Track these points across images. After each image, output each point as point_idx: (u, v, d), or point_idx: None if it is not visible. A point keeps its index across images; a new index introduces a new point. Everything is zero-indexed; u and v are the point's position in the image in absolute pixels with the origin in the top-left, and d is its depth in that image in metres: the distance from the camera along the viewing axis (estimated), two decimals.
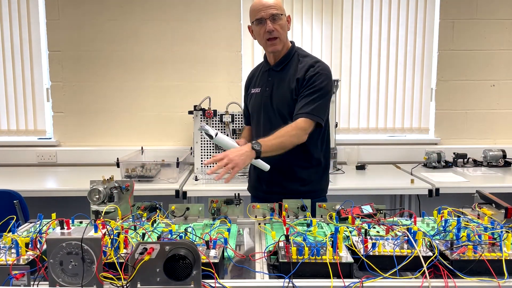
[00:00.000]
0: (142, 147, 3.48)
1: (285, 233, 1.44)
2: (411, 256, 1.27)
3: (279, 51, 2.01)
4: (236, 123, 3.13)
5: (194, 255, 1.14)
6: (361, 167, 3.37)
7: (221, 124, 3.13)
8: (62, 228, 1.36)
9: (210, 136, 1.82)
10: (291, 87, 1.98)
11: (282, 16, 1.96)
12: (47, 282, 1.18)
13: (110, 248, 1.28)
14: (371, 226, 1.55)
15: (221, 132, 3.10)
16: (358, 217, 1.67)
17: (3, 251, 1.34)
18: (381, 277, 1.22)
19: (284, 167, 2.01)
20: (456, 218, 1.53)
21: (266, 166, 1.91)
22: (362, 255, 1.28)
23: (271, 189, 2.07)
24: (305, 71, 1.96)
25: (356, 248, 1.32)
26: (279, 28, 1.95)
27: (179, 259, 1.13)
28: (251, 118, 2.20)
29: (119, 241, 1.33)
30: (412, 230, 1.35)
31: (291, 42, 2.10)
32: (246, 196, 2.06)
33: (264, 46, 2.03)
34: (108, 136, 3.61)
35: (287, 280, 1.19)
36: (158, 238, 1.41)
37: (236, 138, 3.11)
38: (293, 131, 1.88)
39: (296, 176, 2.05)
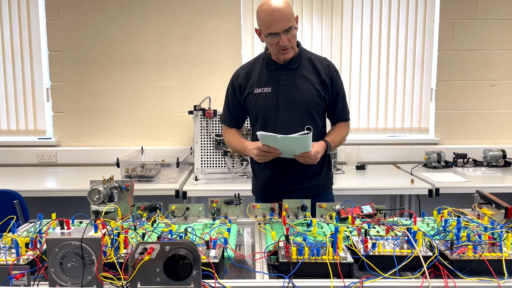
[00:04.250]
0: (142, 147, 3.49)
1: (285, 233, 1.44)
2: (411, 256, 1.27)
3: (289, 58, 2.02)
4: None
5: (194, 255, 1.14)
6: (361, 167, 3.37)
7: (221, 124, 3.13)
8: (62, 228, 1.37)
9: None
10: (315, 86, 2.02)
11: (295, 27, 1.94)
12: (47, 282, 1.18)
13: (110, 248, 1.28)
14: (371, 226, 1.55)
15: (221, 133, 3.12)
16: (358, 217, 1.67)
17: (3, 251, 1.34)
18: (381, 277, 1.22)
19: (307, 165, 1.98)
20: (456, 218, 1.53)
21: None
22: (362, 255, 1.29)
23: (292, 188, 2.04)
24: (328, 72, 2.06)
25: (356, 248, 1.32)
26: (292, 39, 1.95)
27: (179, 259, 1.13)
28: (257, 119, 2.10)
29: (119, 241, 1.33)
30: (412, 230, 1.35)
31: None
32: (246, 196, 2.06)
33: (275, 54, 2.02)
34: (108, 136, 3.61)
35: (287, 280, 1.19)
36: (158, 238, 1.41)
37: None
38: (347, 132, 2.17)
39: (316, 171, 2.09)
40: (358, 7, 3.56)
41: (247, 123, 2.44)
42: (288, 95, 2.01)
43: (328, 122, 2.20)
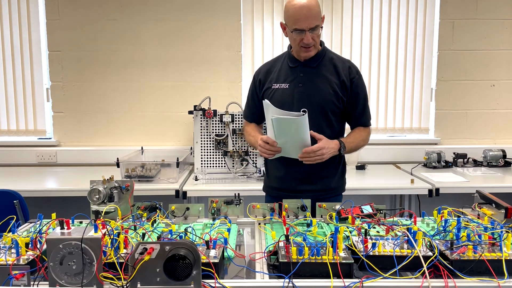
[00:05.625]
0: (142, 147, 3.49)
1: (285, 233, 1.44)
2: (411, 256, 1.27)
3: (310, 56, 2.02)
4: (236, 123, 3.13)
5: (194, 255, 1.14)
6: (361, 167, 3.37)
7: (221, 124, 3.13)
8: (62, 228, 1.37)
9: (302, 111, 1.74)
10: (334, 86, 2.01)
11: (321, 26, 1.94)
12: (47, 282, 1.18)
13: (110, 248, 1.28)
14: (371, 226, 1.55)
15: (221, 133, 3.13)
16: (358, 217, 1.67)
17: (3, 251, 1.34)
18: (381, 277, 1.22)
19: (319, 164, 1.96)
20: (456, 218, 1.53)
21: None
22: (362, 255, 1.29)
23: (303, 188, 2.04)
24: (348, 73, 2.04)
25: (356, 248, 1.32)
26: (316, 38, 1.95)
27: (179, 259, 1.13)
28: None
29: (119, 241, 1.33)
30: (412, 230, 1.35)
31: (320, 40, 2.09)
32: (246, 196, 2.05)
33: (297, 51, 2.02)
34: (108, 136, 3.61)
35: (287, 280, 1.19)
36: (158, 238, 1.41)
37: (235, 137, 3.12)
38: (366, 137, 2.12)
39: (328, 173, 2.08)
40: (358, 7, 3.56)
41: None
42: (304, 92, 2.02)
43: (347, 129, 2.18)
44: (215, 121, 3.14)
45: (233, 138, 3.13)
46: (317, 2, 1.93)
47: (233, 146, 3.14)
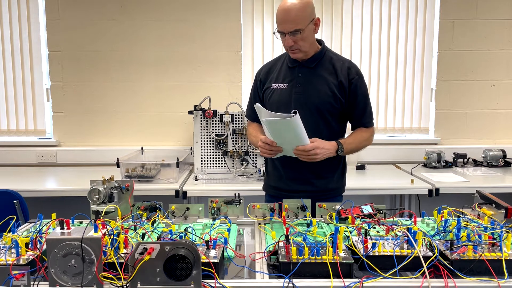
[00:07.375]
0: (142, 147, 3.48)
1: (285, 233, 1.44)
2: (411, 256, 1.27)
3: (300, 58, 2.02)
4: (236, 123, 3.13)
5: (194, 255, 1.14)
6: (361, 167, 3.37)
7: (221, 124, 3.13)
8: (62, 228, 1.36)
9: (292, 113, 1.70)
10: (331, 86, 2.00)
11: (302, 30, 1.90)
12: (47, 282, 1.18)
13: (110, 248, 1.28)
14: (371, 226, 1.55)
15: (221, 133, 3.13)
16: (358, 217, 1.67)
17: (3, 251, 1.34)
18: (381, 277, 1.22)
19: (317, 165, 1.96)
20: (456, 218, 1.54)
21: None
22: (362, 255, 1.28)
23: (301, 187, 2.04)
24: (347, 74, 2.02)
25: (356, 248, 1.32)
26: (299, 41, 1.93)
27: (179, 259, 1.13)
28: None
29: (119, 241, 1.33)
30: (412, 230, 1.35)
31: (320, 40, 2.09)
32: (246, 196, 2.05)
33: (287, 51, 2.04)
34: (108, 136, 3.61)
35: (287, 280, 1.19)
36: (158, 238, 1.41)
37: (235, 137, 3.12)
38: (368, 137, 2.10)
39: (326, 174, 2.07)
40: (358, 7, 3.56)
41: None
42: (301, 93, 2.02)
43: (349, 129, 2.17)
44: (215, 121, 3.14)
45: (233, 138, 3.13)
46: (303, 6, 1.89)
47: (233, 146, 3.14)
